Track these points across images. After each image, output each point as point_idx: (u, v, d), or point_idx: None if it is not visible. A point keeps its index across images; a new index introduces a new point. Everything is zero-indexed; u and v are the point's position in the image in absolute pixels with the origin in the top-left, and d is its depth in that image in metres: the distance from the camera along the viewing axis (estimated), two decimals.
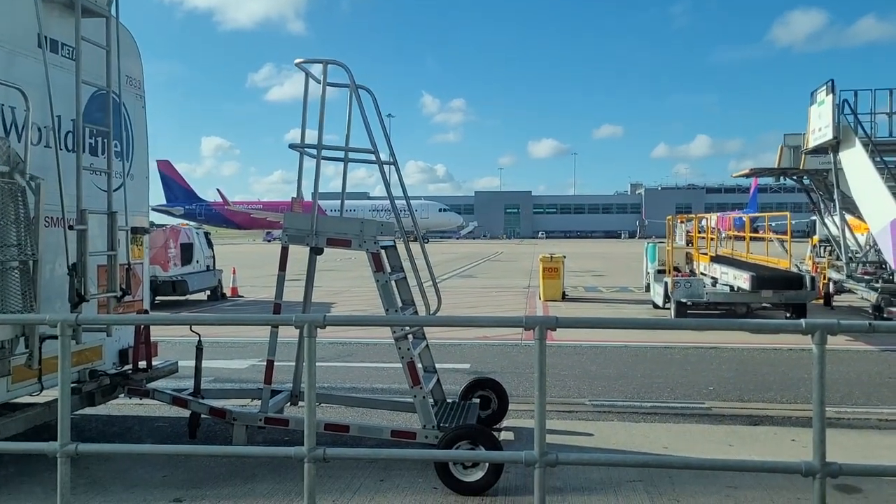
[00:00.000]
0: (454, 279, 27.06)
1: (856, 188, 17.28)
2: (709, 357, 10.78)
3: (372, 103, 6.41)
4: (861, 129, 17.59)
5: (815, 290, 14.61)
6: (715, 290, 14.81)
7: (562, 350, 11.11)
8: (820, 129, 18.20)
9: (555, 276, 18.89)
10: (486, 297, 20.01)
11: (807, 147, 19.50)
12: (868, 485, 5.19)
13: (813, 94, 18.64)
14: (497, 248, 63.22)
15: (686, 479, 5.36)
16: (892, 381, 9.14)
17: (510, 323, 4.17)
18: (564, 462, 3.91)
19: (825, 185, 20.51)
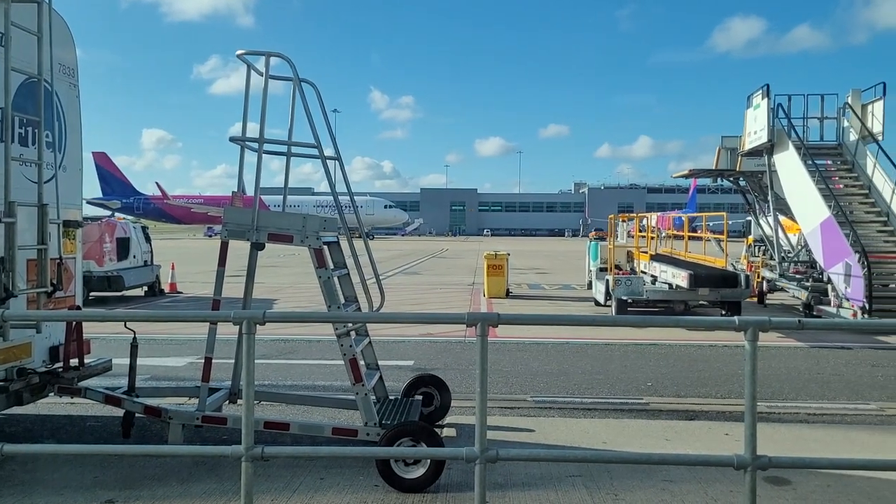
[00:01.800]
0: (399, 276, 27.00)
1: (789, 190, 17.88)
2: (648, 353, 11.01)
3: (316, 97, 6.32)
4: (794, 132, 18.21)
5: (749, 289, 15.05)
6: (654, 288, 15.12)
7: (505, 347, 11.18)
8: (755, 132, 18.77)
9: (499, 273, 19.02)
10: (431, 294, 20.02)
11: (743, 149, 20.10)
12: (797, 477, 5.37)
13: (749, 98, 19.21)
14: (442, 245, 63.35)
15: (624, 473, 5.45)
16: (821, 377, 9.48)
17: (452, 319, 4.16)
18: (505, 458, 3.93)
19: (760, 186, 21.16)
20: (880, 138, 17.64)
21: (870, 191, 17.32)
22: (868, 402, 8.15)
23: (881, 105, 17.84)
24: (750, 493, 3.70)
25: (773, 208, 19.55)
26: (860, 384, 9.07)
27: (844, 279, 14.60)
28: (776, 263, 19.30)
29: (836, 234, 15.24)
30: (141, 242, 19.10)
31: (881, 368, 10.07)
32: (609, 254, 16.91)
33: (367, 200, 77.14)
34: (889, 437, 6.74)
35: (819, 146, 18.99)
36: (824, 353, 11.18)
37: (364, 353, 6.41)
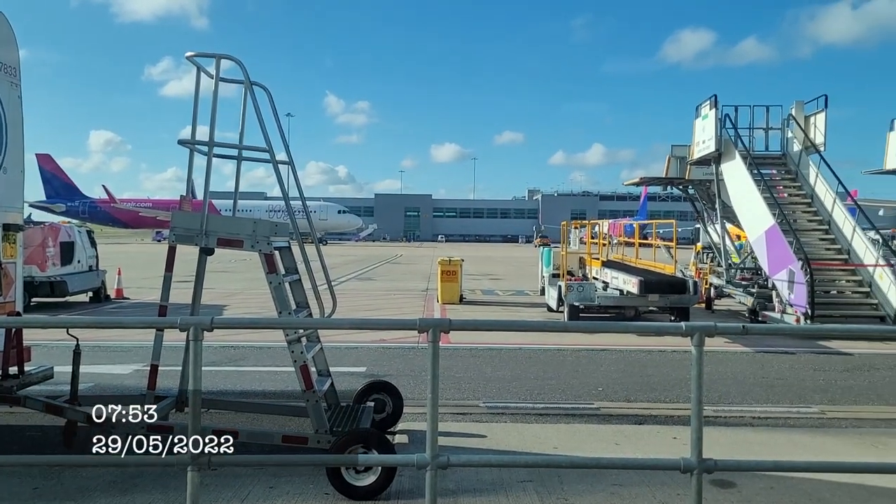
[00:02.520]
0: (353, 282, 26.84)
1: (735, 198, 18.32)
2: (599, 359, 11.13)
3: (268, 101, 6.26)
4: (741, 142, 18.69)
5: (697, 295, 15.35)
6: (606, 294, 15.31)
7: (458, 352, 11.19)
8: (704, 141, 19.19)
9: (453, 279, 19.05)
10: (384, 300, 19.94)
11: (692, 158, 20.52)
12: (742, 479, 5.48)
13: (698, 108, 19.64)
14: (397, 250, 63.19)
15: (574, 477, 5.50)
16: (766, 381, 9.71)
17: (404, 325, 4.16)
18: (456, 464, 3.93)
19: (708, 194, 21.64)
20: (822, 149, 18.21)
21: (812, 199, 17.85)
22: (810, 405, 8.37)
23: (823, 117, 18.43)
24: (696, 496, 3.77)
25: (721, 216, 20.00)
26: (803, 388, 9.31)
27: (788, 286, 15.01)
28: (723, 270, 19.75)
29: (781, 242, 15.67)
30: (86, 247, 18.61)
31: (823, 372, 10.36)
32: (561, 260, 17.07)
33: (321, 205, 76.61)
34: (829, 440, 6.93)
35: (764, 156, 19.52)
36: (769, 357, 11.45)
37: (315, 359, 6.35)
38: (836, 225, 16.99)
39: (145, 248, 56.96)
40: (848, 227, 16.65)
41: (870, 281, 15.41)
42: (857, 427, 7.47)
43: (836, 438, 6.98)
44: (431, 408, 3.85)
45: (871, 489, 5.28)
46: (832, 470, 4.53)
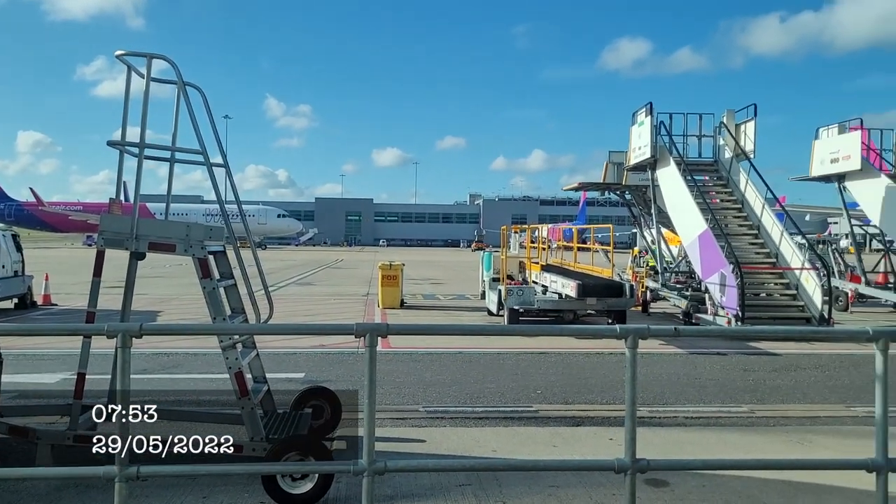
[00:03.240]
0: (292, 287, 26.49)
1: (670, 204, 18.79)
2: (538, 362, 11.24)
3: (202, 102, 6.13)
4: (675, 149, 19.18)
5: (633, 298, 15.66)
6: (545, 298, 15.48)
7: (398, 357, 11.16)
8: (640, 147, 19.65)
9: (393, 283, 18.99)
10: (324, 305, 19.74)
11: (628, 164, 20.99)
12: (675, 478, 5.59)
13: (634, 114, 20.09)
14: (337, 255, 62.70)
15: (512, 480, 5.53)
16: (698, 382, 9.96)
17: (341, 330, 4.11)
18: (393, 469, 3.91)
19: (644, 200, 22.15)
20: (752, 156, 18.83)
21: (743, 205, 18.43)
22: (740, 404, 8.62)
23: (753, 125, 19.06)
24: (630, 496, 3.83)
25: (656, 221, 20.49)
26: (733, 388, 9.59)
27: (720, 289, 15.45)
28: (658, 273, 20.21)
29: (713, 246, 16.13)
30: (11, 251, 17.88)
31: (752, 373, 10.69)
32: (501, 264, 17.20)
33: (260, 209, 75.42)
34: (758, 438, 7.15)
35: (698, 162, 20.08)
36: (701, 359, 11.75)
37: (251, 365, 6.24)
38: (765, 230, 17.58)
39: (76, 253, 55.11)
40: (776, 232, 17.24)
41: (796, 284, 15.99)
42: (784, 425, 7.73)
43: (764, 436, 7.21)
44: (368, 413, 3.82)
45: (797, 485, 5.46)
46: (759, 467, 4.67)
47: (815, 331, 13.46)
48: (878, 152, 21.46)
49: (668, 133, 19.36)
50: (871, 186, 20.20)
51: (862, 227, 25.43)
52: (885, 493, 3.85)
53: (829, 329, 13.93)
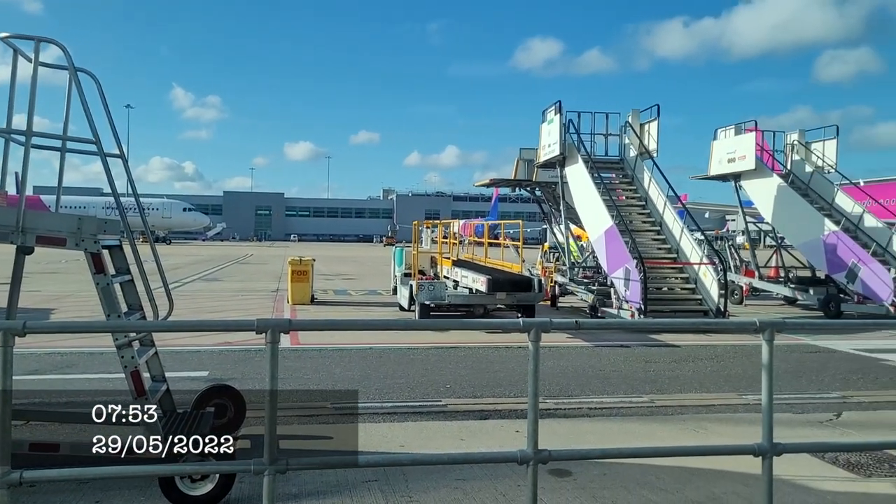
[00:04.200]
0: (198, 282, 25.71)
1: (578, 200, 19.25)
2: (448, 356, 11.30)
3: (96, 89, 5.84)
4: (583, 147, 19.65)
5: (542, 293, 15.97)
6: (456, 293, 15.59)
7: (307, 353, 11.00)
8: (549, 145, 20.03)
9: (304, 279, 18.70)
10: (231, 301, 19.25)
11: (538, 161, 21.37)
12: (578, 468, 5.73)
13: (544, 113, 20.46)
14: (246, 250, 61.29)
15: (419, 475, 5.53)
16: (602, 373, 10.24)
17: (241, 327, 4.00)
18: (295, 468, 3.83)
19: (554, 196, 22.61)
20: (655, 155, 19.50)
21: (646, 202, 19.07)
22: (641, 394, 8.91)
23: (656, 125, 19.73)
24: (532, 486, 3.89)
25: (565, 217, 20.96)
26: (635, 379, 9.90)
27: (625, 283, 15.94)
28: (567, 268, 20.69)
29: (618, 242, 16.62)
30: None
31: (653, 364, 11.07)
32: (413, 260, 17.20)
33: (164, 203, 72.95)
34: (657, 426, 7.41)
35: (604, 160, 20.65)
36: (606, 351, 12.10)
37: (149, 364, 6.00)
38: (666, 226, 18.24)
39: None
40: (677, 229, 17.92)
41: (695, 278, 16.67)
42: (682, 413, 8.04)
43: (662, 425, 7.47)
44: (270, 411, 3.74)
45: (692, 470, 5.69)
46: (655, 454, 4.84)
47: (708, 323, 14.09)
48: (771, 153, 22.63)
49: (577, 131, 19.83)
50: (765, 185, 21.29)
51: (756, 224, 26.76)
52: (770, 476, 4.04)
53: (720, 321, 14.58)
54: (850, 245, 18.61)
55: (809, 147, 22.63)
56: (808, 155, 22.57)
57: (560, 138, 19.25)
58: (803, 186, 21.80)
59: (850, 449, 6.34)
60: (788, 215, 20.85)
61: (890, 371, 10.84)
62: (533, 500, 3.87)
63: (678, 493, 5.31)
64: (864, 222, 20.61)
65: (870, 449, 6.32)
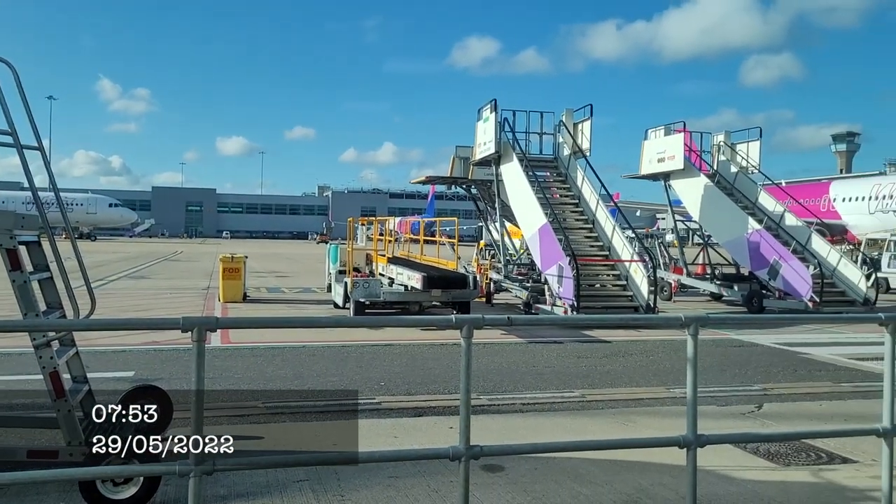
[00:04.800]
0: (124, 280, 24.93)
1: (513, 198, 19.43)
2: (382, 354, 11.26)
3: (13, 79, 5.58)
4: (518, 145, 19.81)
5: (477, 290, 16.06)
6: (391, 290, 15.53)
7: (239, 352, 10.79)
8: (485, 143, 20.13)
9: (236, 276, 18.33)
10: (159, 300, 18.73)
11: (474, 159, 21.45)
12: (510, 463, 5.77)
13: (480, 111, 20.55)
14: (176, 247, 59.76)
15: (352, 473, 5.49)
16: (535, 369, 10.36)
17: (166, 325, 3.90)
18: (223, 468, 3.76)
19: (489, 194, 22.76)
20: (588, 154, 19.84)
21: (580, 200, 19.39)
22: (573, 389, 9.05)
23: (589, 124, 20.08)
24: (464, 482, 3.89)
25: (500, 214, 21.13)
26: (567, 374, 10.06)
27: (558, 280, 16.16)
28: (502, 266, 20.87)
29: (552, 240, 16.85)
30: None
31: (585, 359, 11.26)
32: (348, 257, 17.07)
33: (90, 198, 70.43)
34: (588, 421, 7.53)
35: (539, 159, 20.89)
36: (539, 347, 12.25)
37: (69, 364, 5.77)
38: (599, 224, 18.59)
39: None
40: (609, 227, 18.28)
41: (626, 275, 17.03)
42: (612, 408, 8.20)
43: (593, 419, 7.60)
44: (196, 411, 3.66)
45: (621, 463, 5.80)
46: (585, 448, 4.92)
47: (636, 318, 14.41)
48: (698, 153, 23.31)
49: (512, 130, 19.98)
50: (692, 185, 21.91)
51: (685, 222, 27.53)
52: (695, 467, 4.16)
53: (648, 317, 14.94)
54: (771, 243, 19.34)
55: (734, 148, 23.42)
56: (734, 156, 23.35)
57: (495, 136, 19.37)
58: (729, 186, 22.53)
59: (770, 439, 6.58)
60: (715, 214, 21.53)
61: (808, 364, 11.31)
62: (464, 495, 3.88)
63: (607, 486, 5.41)
64: (785, 221, 21.46)
65: (789, 439, 6.57)
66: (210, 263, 33.25)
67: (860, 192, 41.91)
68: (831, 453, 6.32)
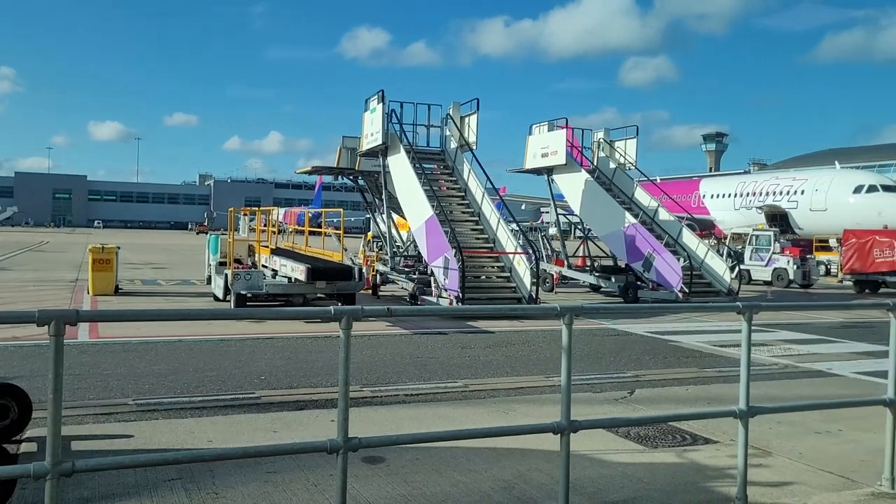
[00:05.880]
0: None
1: (400, 190, 19.41)
2: (263, 347, 10.99)
3: None
4: (405, 137, 19.79)
5: (362, 281, 15.95)
6: (274, 282, 15.20)
7: (108, 348, 10.26)
8: (372, 134, 19.99)
9: (107, 268, 17.39)
10: (22, 293, 17.53)
11: (361, 150, 21.28)
12: (391, 454, 5.76)
13: (367, 101, 20.38)
14: (42, 237, 56.14)
15: (227, 470, 5.31)
16: (420, 360, 10.41)
17: (20, 318, 3.61)
18: (83, 469, 3.52)
19: (377, 185, 22.62)
20: (474, 147, 20.11)
21: (466, 193, 19.61)
22: (456, 380, 9.15)
23: (475, 118, 20.35)
24: (341, 475, 3.84)
25: (387, 206, 21.06)
26: (451, 364, 10.16)
27: (444, 272, 16.30)
28: (389, 258, 20.83)
29: (438, 232, 16.96)
30: None
31: (469, 350, 11.42)
32: (228, 248, 16.53)
33: None
34: (470, 410, 7.62)
35: (426, 151, 20.97)
36: (424, 338, 12.31)
37: None
38: (484, 217, 18.88)
39: None
40: (494, 219, 18.61)
41: (510, 267, 17.40)
42: (494, 397, 8.34)
43: (475, 408, 7.71)
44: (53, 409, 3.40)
45: (501, 451, 5.92)
46: (465, 437, 4.97)
47: (514, 308, 14.72)
48: (580, 149, 24.12)
49: (399, 121, 19.93)
50: (574, 180, 22.65)
51: (566, 216, 28.42)
52: (568, 452, 4.28)
53: (526, 307, 15.29)
54: (646, 237, 20.28)
55: (613, 145, 24.40)
56: (612, 152, 24.32)
57: (383, 127, 19.28)
58: (607, 181, 23.45)
59: (638, 423, 6.89)
60: (594, 208, 22.34)
61: (677, 351, 11.93)
62: (342, 488, 3.83)
63: (487, 473, 5.49)
64: (659, 216, 22.57)
65: (655, 422, 6.90)
66: (79, 254, 31.37)
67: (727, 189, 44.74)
68: (695, 435, 6.69)
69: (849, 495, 5.23)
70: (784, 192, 37.95)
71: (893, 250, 23.50)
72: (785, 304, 6.05)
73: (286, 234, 24.09)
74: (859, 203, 32.94)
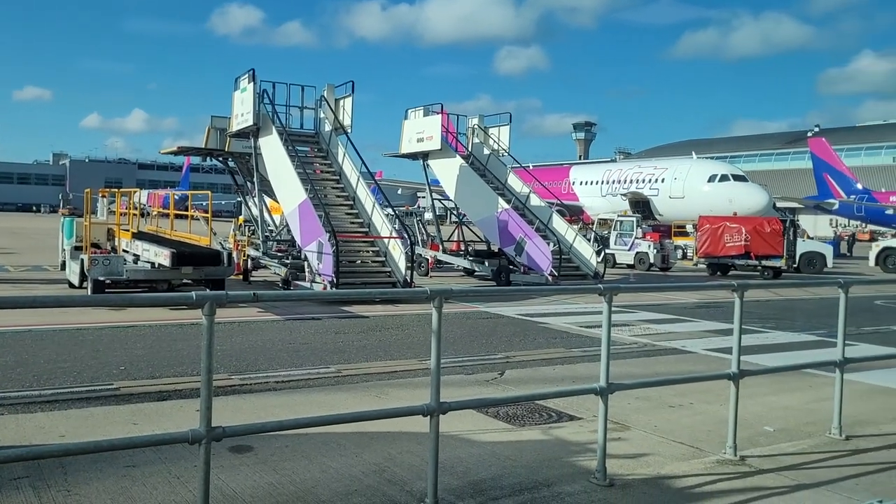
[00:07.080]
0: None
1: (272, 173, 18.90)
2: (124, 336, 10.44)
3: None
4: (278, 118, 19.27)
5: (232, 267, 15.46)
6: (136, 268, 14.45)
7: None
8: (243, 114, 19.32)
9: None
10: None
11: (231, 130, 20.53)
12: (259, 442, 5.62)
13: (237, 80, 19.66)
14: None
15: (82, 465, 5.01)
16: (292, 346, 10.20)
17: None
18: None
19: (248, 168, 21.92)
20: (349, 130, 19.86)
21: (340, 177, 19.35)
22: (329, 365, 9.03)
23: (350, 101, 20.09)
24: (204, 465, 3.70)
25: (259, 189, 20.47)
26: (324, 350, 10.02)
27: (318, 256, 16.05)
28: (261, 242, 20.27)
29: (312, 216, 16.66)
30: None
31: (343, 335, 11.31)
32: (85, 231, 15.53)
33: None
34: (343, 395, 7.56)
35: (300, 133, 20.51)
36: (297, 324, 12.09)
37: None
38: (359, 201, 18.70)
39: None
40: (369, 204, 18.48)
41: (385, 252, 17.36)
42: (367, 381, 8.31)
43: (348, 394, 7.65)
44: None
45: (372, 434, 5.91)
46: (335, 422, 4.90)
47: (384, 292, 14.66)
48: (455, 135, 24.36)
49: (272, 102, 19.37)
50: (449, 165, 22.88)
51: (441, 201, 28.68)
52: (437, 433, 4.33)
53: (397, 290, 15.24)
54: (518, 222, 20.82)
55: (488, 131, 24.80)
56: (487, 139, 24.74)
57: (254, 108, 18.65)
58: (482, 167, 23.84)
59: (505, 402, 7.06)
60: (468, 193, 22.68)
61: (545, 332, 12.33)
62: (205, 479, 3.70)
63: (357, 457, 5.47)
64: (530, 202, 23.20)
65: (523, 401, 7.10)
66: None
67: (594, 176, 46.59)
68: (560, 412, 6.94)
69: (697, 463, 5.60)
70: (646, 180, 39.94)
71: (741, 235, 25.33)
72: (643, 286, 6.39)
73: (150, 217, 22.93)
74: (713, 191, 35.14)
